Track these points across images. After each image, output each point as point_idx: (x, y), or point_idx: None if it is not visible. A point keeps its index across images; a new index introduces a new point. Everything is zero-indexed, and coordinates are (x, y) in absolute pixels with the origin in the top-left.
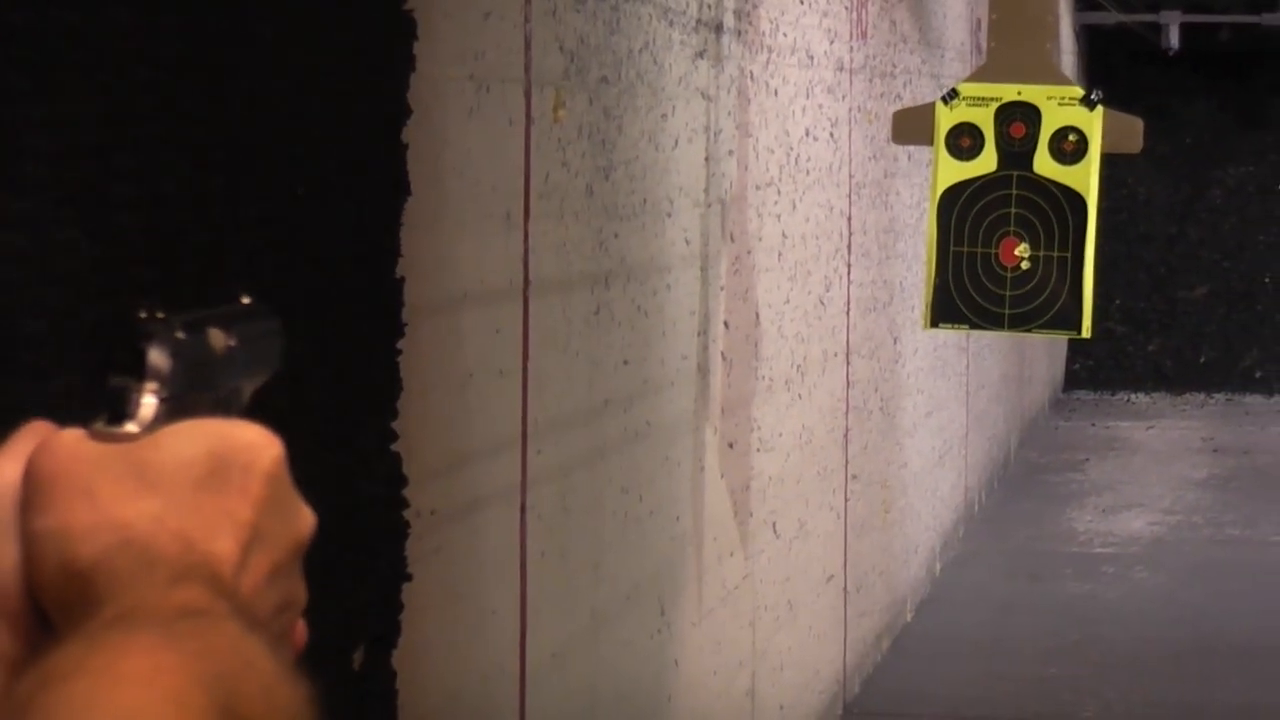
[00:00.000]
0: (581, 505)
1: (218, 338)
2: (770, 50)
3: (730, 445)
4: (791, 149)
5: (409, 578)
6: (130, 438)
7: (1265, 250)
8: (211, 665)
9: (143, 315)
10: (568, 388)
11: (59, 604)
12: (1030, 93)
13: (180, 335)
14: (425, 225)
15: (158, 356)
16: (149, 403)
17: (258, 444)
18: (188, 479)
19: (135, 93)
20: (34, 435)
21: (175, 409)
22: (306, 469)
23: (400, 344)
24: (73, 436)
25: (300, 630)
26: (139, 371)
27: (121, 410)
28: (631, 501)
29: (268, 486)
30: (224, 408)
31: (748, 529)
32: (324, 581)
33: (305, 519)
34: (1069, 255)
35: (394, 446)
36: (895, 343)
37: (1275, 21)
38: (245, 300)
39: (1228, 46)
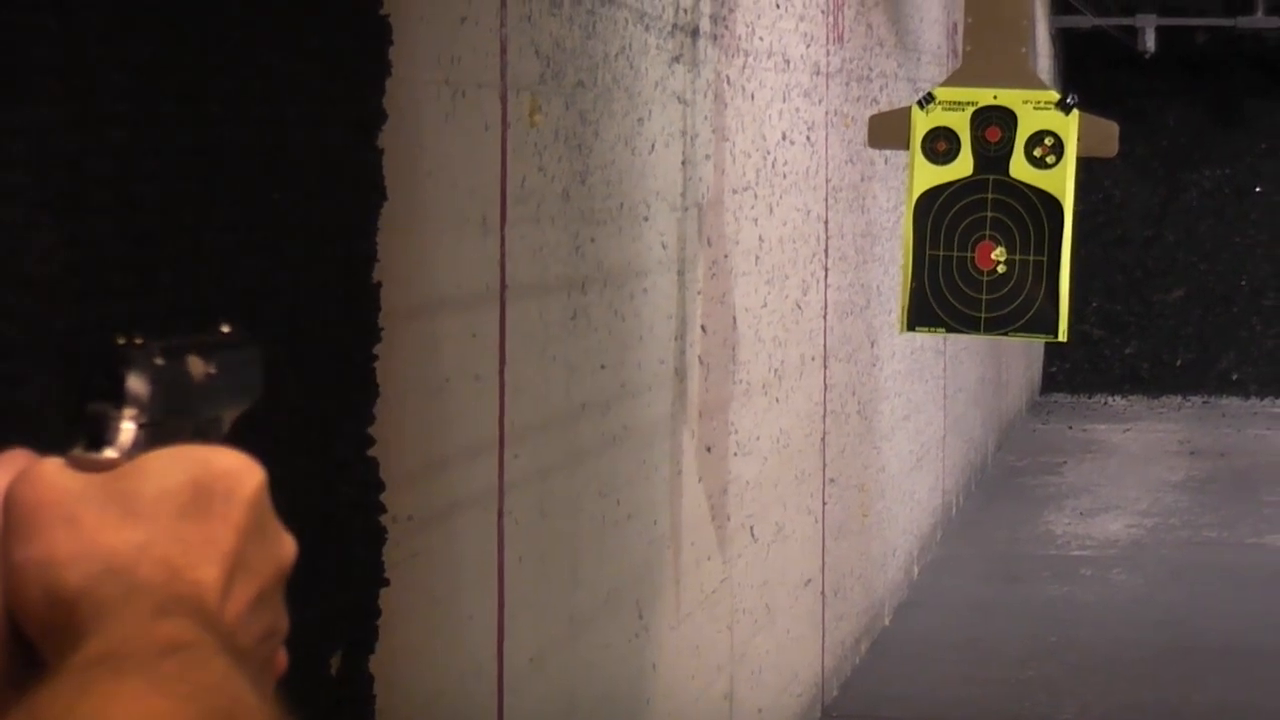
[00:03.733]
0: (559, 510)
1: (197, 365)
2: (746, 54)
3: (708, 449)
4: (768, 153)
5: (386, 583)
6: (110, 464)
7: (1242, 253)
8: (201, 709)
9: (121, 341)
10: (545, 392)
11: (44, 632)
12: (1006, 97)
13: (159, 361)
14: (401, 230)
15: (136, 382)
16: (128, 429)
17: (239, 471)
18: (170, 507)
19: (110, 97)
20: (11, 463)
21: (154, 436)
22: (283, 475)
23: (377, 349)
24: (52, 465)
25: (281, 658)
26: (117, 397)
27: (100, 436)
28: (609, 505)
29: (250, 514)
30: (202, 436)
31: (725, 533)
32: (301, 587)
33: (287, 546)
34: (1045, 259)
35: (371, 452)
36: (872, 346)
37: (1250, 25)
38: (225, 329)
39: (1203, 49)
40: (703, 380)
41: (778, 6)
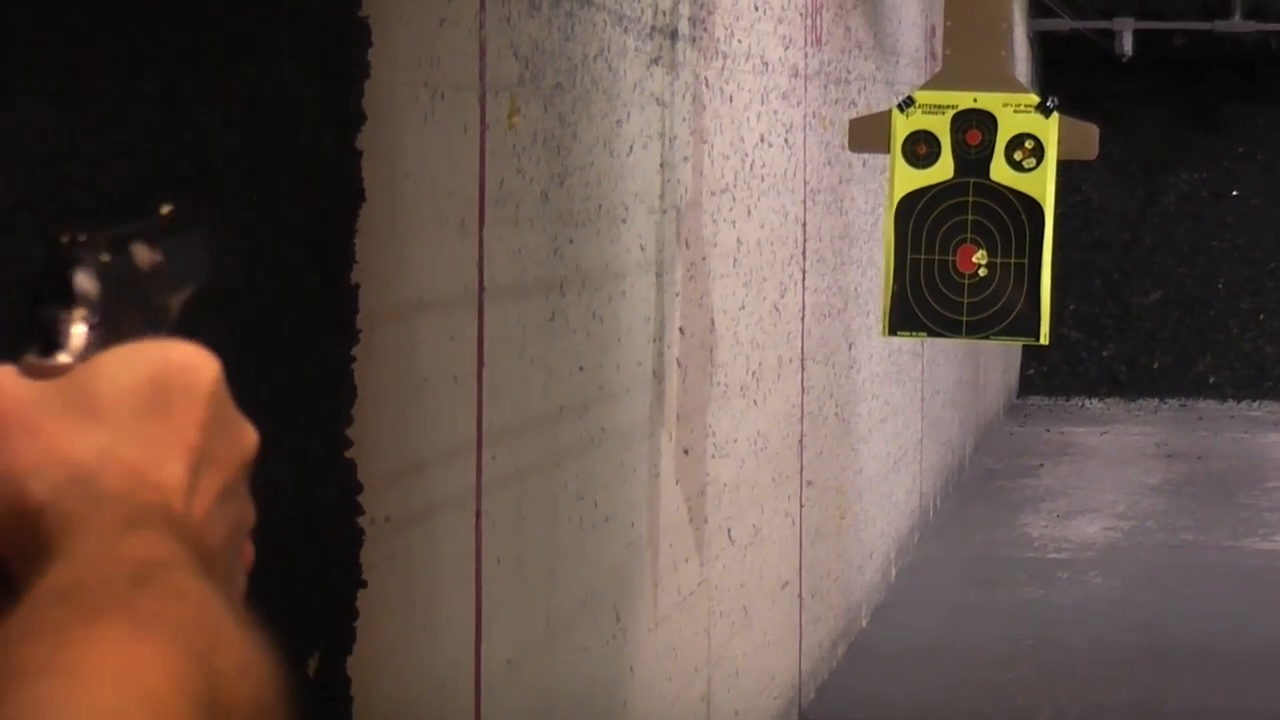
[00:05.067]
0: (537, 511)
1: (143, 254)
2: (725, 56)
3: (686, 451)
4: (746, 155)
5: (364, 584)
6: (64, 369)
7: (1219, 256)
8: (183, 648)
9: (65, 239)
10: (523, 394)
11: (10, 546)
12: (986, 100)
13: (105, 257)
14: (380, 232)
15: (84, 281)
16: (79, 331)
17: (196, 364)
18: (130, 407)
19: (88, 100)
20: None
21: (106, 334)
22: (260, 476)
23: (355, 350)
24: (6, 374)
25: (248, 550)
26: (66, 299)
27: (52, 341)
28: (587, 508)
29: (210, 407)
30: (154, 326)
31: (703, 535)
32: (279, 588)
33: (249, 435)
34: (1026, 262)
35: (349, 453)
36: (850, 349)
37: (1228, 28)
38: (166, 211)
39: (1181, 53)
40: (680, 382)
41: (756, 9)
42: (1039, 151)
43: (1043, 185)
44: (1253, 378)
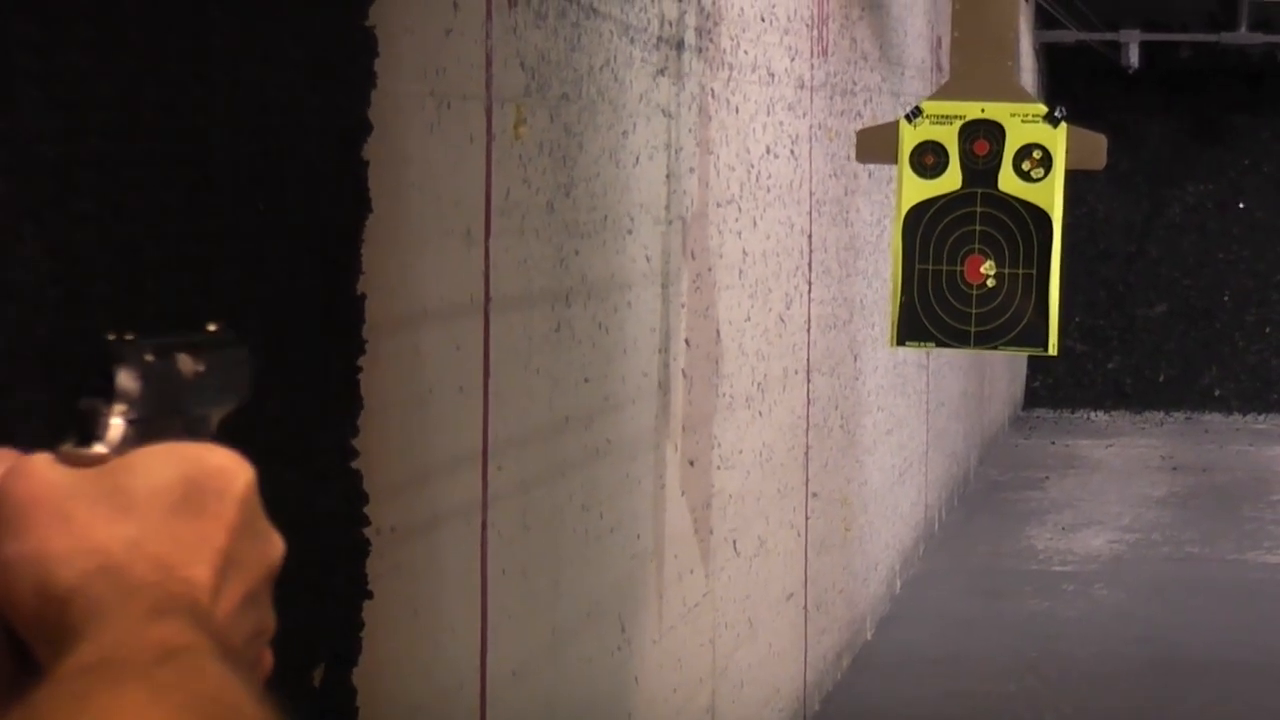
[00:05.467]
0: (542, 522)
1: (186, 363)
2: (731, 67)
3: (691, 462)
4: (752, 166)
5: (369, 595)
6: (99, 459)
7: (1224, 268)
8: (200, 718)
9: (112, 337)
10: (528, 405)
11: (37, 630)
12: (994, 110)
13: (149, 358)
14: (386, 242)
15: (127, 378)
16: (117, 424)
17: (230, 469)
18: (162, 504)
19: (95, 108)
20: (0, 460)
21: (144, 432)
22: (266, 486)
23: (361, 360)
24: (43, 461)
25: (267, 658)
26: (108, 393)
27: (90, 432)
28: (592, 519)
29: (241, 512)
30: (192, 434)
31: (708, 546)
32: (284, 598)
33: (276, 545)
34: (1034, 272)
35: (354, 463)
36: (856, 360)
37: (1234, 40)
38: (213, 328)
39: (1187, 64)
40: (686, 393)
41: (762, 20)
42: (1047, 161)
43: (1051, 195)
44: (1258, 390)
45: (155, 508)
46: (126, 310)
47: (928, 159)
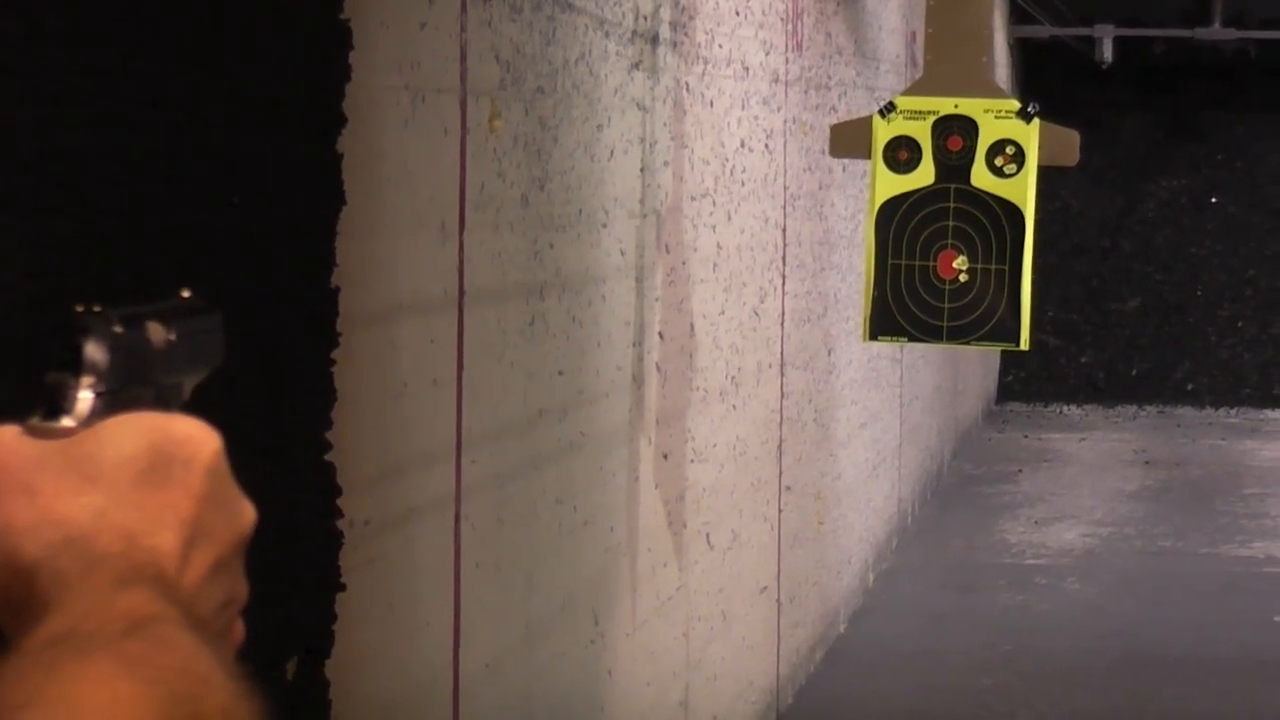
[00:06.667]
0: (516, 516)
1: (157, 332)
2: (706, 62)
3: (665, 456)
4: (727, 160)
5: (343, 588)
6: (67, 432)
7: (1198, 263)
8: (169, 690)
9: (80, 310)
10: (502, 398)
11: (3, 602)
12: (967, 105)
13: (118, 329)
14: (360, 235)
15: (94, 351)
16: (85, 397)
17: (197, 438)
18: (128, 474)
19: (69, 101)
20: None
21: (113, 404)
22: (240, 479)
23: (335, 354)
24: (9, 433)
25: (238, 628)
26: (76, 366)
27: (58, 405)
28: (566, 512)
29: (208, 481)
30: (163, 403)
31: (682, 540)
32: (257, 591)
33: (246, 513)
34: (1007, 268)
35: (328, 456)
36: (829, 354)
37: (1208, 36)
38: (185, 295)
39: (1161, 60)
40: (660, 387)
41: (737, 14)
42: (1020, 157)
43: (1023, 191)
44: (1231, 385)
45: (121, 478)
46: (100, 303)
47: (901, 154)
